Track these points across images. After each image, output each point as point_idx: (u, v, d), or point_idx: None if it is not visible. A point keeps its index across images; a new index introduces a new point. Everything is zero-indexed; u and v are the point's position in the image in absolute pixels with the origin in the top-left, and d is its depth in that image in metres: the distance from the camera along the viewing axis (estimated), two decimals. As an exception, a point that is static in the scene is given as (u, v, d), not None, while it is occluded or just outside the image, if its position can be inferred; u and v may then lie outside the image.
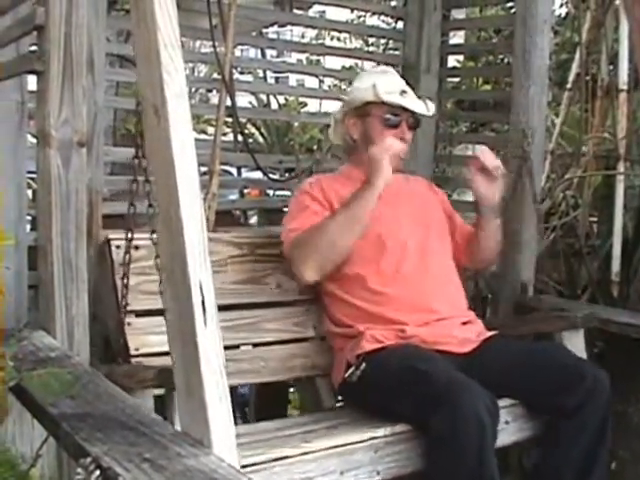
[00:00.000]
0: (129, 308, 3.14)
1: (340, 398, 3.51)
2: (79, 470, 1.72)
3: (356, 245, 3.34)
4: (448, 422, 2.76)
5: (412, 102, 3.50)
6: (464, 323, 3.42)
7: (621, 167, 4.59)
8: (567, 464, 3.10)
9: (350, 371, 3.25)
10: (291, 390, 5.04)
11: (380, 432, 2.91)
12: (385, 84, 3.49)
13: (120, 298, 3.10)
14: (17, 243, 2.99)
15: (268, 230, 4.10)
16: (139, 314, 3.19)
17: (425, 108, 3.54)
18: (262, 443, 2.89)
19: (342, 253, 3.32)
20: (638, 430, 3.68)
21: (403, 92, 3.49)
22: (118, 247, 3.18)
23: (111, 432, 1.89)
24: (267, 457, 2.65)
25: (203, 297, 1.89)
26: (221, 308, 3.32)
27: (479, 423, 2.76)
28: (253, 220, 5.40)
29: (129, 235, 3.06)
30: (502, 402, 3.06)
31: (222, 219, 3.81)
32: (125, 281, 3.08)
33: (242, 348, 3.47)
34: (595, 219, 5.03)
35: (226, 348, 3.24)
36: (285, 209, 4.77)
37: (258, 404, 4.84)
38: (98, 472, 1.69)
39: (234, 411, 1.96)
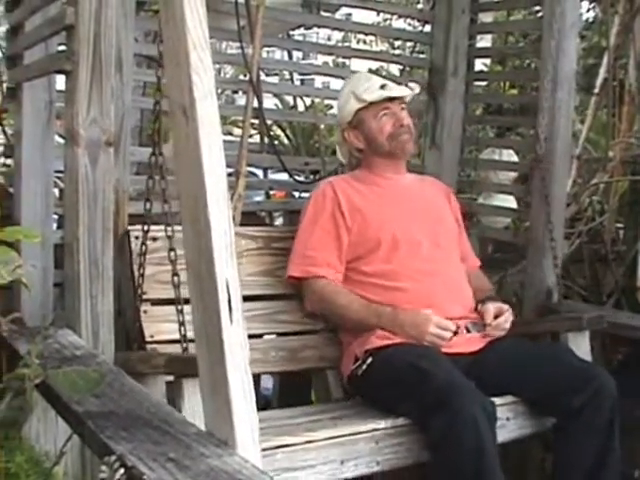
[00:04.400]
0: (145, 297, 3.21)
1: (348, 389, 3.53)
2: (103, 468, 1.72)
3: (371, 244, 3.46)
4: (446, 425, 2.82)
5: (394, 90, 3.59)
6: (472, 323, 3.45)
7: (648, 173, 4.57)
8: (576, 466, 3.12)
9: (357, 364, 3.31)
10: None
11: (382, 424, 2.96)
12: (362, 86, 3.60)
13: (137, 287, 3.16)
14: (43, 241, 3.01)
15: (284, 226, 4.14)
16: (155, 302, 3.27)
17: (408, 90, 3.64)
18: (268, 430, 2.92)
19: (342, 325, 3.50)
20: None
21: (382, 86, 3.58)
22: (137, 238, 3.23)
23: (135, 430, 1.90)
24: (270, 444, 2.68)
25: (229, 295, 1.89)
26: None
27: (475, 426, 2.80)
28: (278, 222, 5.40)
29: (146, 227, 3.11)
30: (503, 399, 3.12)
31: (248, 220, 3.82)
32: (142, 271, 3.14)
33: (254, 339, 3.50)
34: (621, 225, 5.01)
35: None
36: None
37: (280, 406, 4.82)
38: (122, 470, 1.69)
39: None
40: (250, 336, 3.34)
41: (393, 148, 3.57)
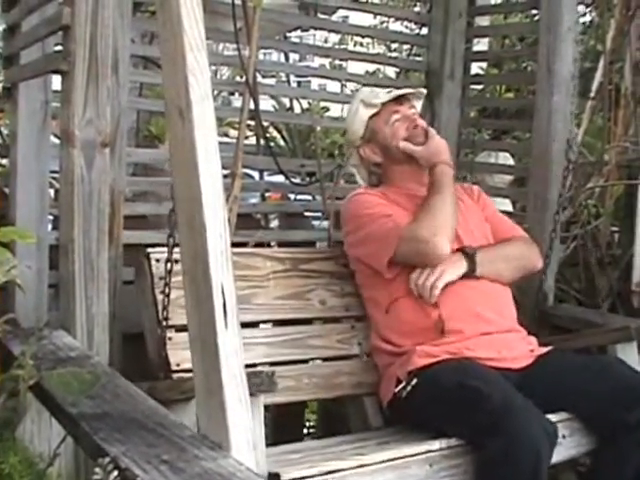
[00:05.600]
0: (169, 323, 3.05)
1: (389, 415, 3.38)
2: (97, 470, 1.72)
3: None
4: (504, 447, 2.68)
5: (402, 90, 3.57)
6: (517, 337, 3.35)
7: (644, 177, 4.56)
8: (619, 477, 3.00)
9: (400, 387, 3.16)
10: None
11: (436, 445, 2.80)
12: (368, 94, 3.58)
13: (161, 312, 3.03)
14: (38, 242, 3.00)
15: (311, 248, 4.11)
16: (179, 329, 3.08)
17: (416, 89, 3.64)
18: (312, 457, 2.85)
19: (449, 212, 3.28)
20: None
21: (388, 92, 3.56)
22: (158, 261, 3.12)
23: (130, 433, 1.90)
24: (320, 470, 2.57)
25: (224, 299, 1.89)
26: (265, 323, 3.33)
27: (535, 449, 2.69)
28: (274, 224, 5.40)
29: (170, 240, 2.94)
30: (558, 416, 2.98)
31: (243, 222, 3.81)
32: (167, 292, 2.99)
33: (286, 366, 3.40)
34: (616, 229, 5.01)
35: (271, 364, 3.26)
36: (306, 213, 4.77)
37: (275, 414, 4.81)
38: (116, 472, 1.69)
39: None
40: (281, 362, 3.36)
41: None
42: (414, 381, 3.11)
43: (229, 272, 1.91)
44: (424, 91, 3.70)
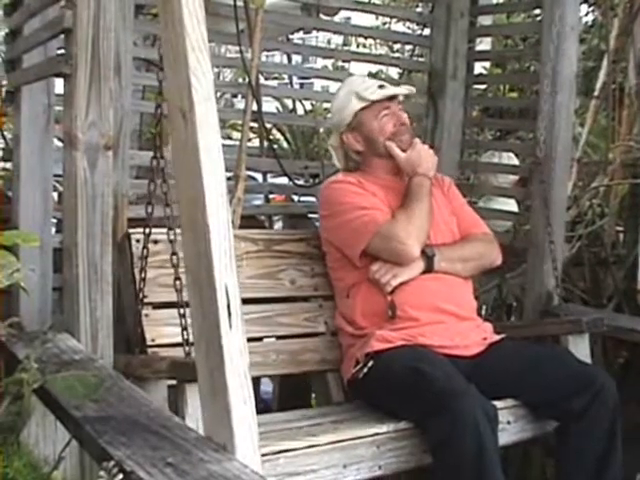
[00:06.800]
0: (146, 300, 3.19)
1: (349, 392, 3.54)
2: (102, 473, 1.72)
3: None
4: (446, 428, 2.82)
5: (394, 89, 3.64)
6: (472, 325, 3.45)
7: (648, 176, 4.56)
8: (579, 468, 3.13)
9: (357, 368, 3.31)
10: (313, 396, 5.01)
11: (384, 428, 2.97)
12: (362, 86, 3.63)
13: (138, 290, 3.14)
14: (42, 245, 2.99)
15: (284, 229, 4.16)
16: (156, 306, 3.26)
17: (408, 88, 3.73)
18: (269, 434, 2.93)
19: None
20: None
21: (381, 86, 3.62)
22: (138, 241, 3.22)
23: (134, 436, 1.89)
24: (272, 449, 2.69)
25: (229, 300, 1.89)
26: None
27: (476, 430, 2.80)
28: (278, 225, 5.39)
29: (147, 230, 3.08)
30: (504, 402, 3.13)
31: (247, 224, 3.82)
32: (143, 274, 3.11)
33: (254, 342, 3.51)
34: (621, 228, 5.00)
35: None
36: (310, 215, 4.76)
37: (280, 410, 4.81)
38: (121, 476, 1.68)
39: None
40: (250, 339, 3.36)
41: None
42: (370, 363, 3.27)
43: (233, 273, 1.91)
44: (414, 90, 3.82)
